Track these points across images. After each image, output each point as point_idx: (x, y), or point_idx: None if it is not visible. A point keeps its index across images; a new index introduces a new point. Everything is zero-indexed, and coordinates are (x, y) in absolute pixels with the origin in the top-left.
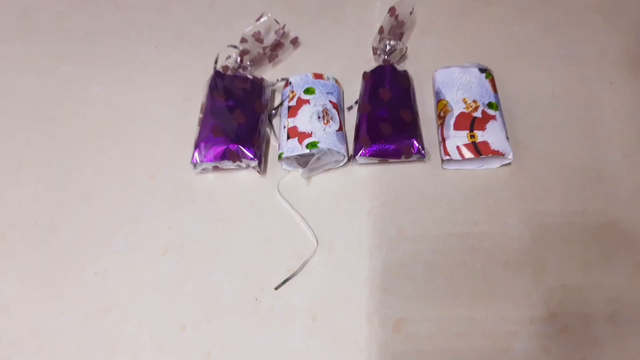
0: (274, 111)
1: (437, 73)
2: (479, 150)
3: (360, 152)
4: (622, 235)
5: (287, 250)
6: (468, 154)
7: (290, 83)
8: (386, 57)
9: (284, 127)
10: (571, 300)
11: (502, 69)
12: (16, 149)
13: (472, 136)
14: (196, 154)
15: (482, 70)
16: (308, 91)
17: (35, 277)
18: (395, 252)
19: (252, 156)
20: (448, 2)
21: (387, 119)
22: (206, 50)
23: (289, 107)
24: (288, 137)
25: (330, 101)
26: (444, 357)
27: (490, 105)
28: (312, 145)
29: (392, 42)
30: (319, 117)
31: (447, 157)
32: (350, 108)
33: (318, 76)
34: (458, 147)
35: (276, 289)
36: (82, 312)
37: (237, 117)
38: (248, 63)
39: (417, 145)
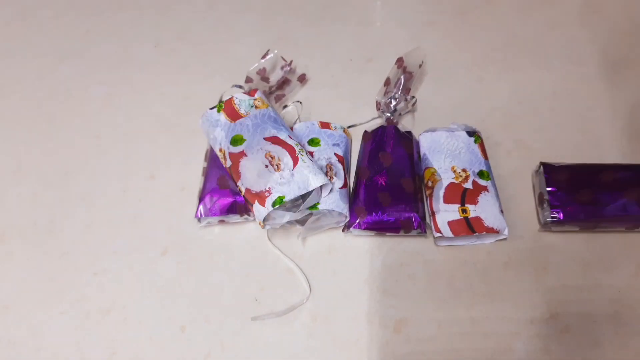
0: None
1: (422, 137)
2: (472, 227)
3: (355, 224)
4: (622, 235)
5: (288, 249)
6: (460, 232)
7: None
8: (390, 115)
9: None
10: (572, 301)
11: (503, 69)
12: (16, 149)
13: (464, 210)
14: (201, 207)
15: (470, 133)
16: (313, 142)
17: (35, 277)
18: (396, 251)
19: None
20: (449, 2)
21: (387, 187)
22: (206, 50)
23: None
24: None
25: (335, 154)
26: (445, 357)
27: (481, 174)
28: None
29: (397, 98)
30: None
31: (439, 235)
32: None
33: (325, 125)
34: (449, 223)
35: (253, 319)
36: (82, 312)
37: None
38: None
39: (417, 219)
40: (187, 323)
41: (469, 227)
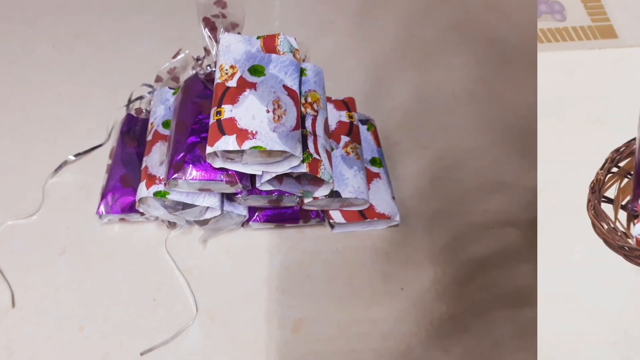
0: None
1: None
2: (363, 213)
3: (254, 217)
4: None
5: (188, 251)
6: (352, 218)
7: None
8: None
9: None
10: (471, 301)
11: (402, 69)
12: None
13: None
14: (102, 205)
15: (364, 121)
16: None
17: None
18: (295, 251)
19: None
20: (348, 2)
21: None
22: (104, 49)
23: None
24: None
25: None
26: (343, 358)
27: (373, 161)
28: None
29: None
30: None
31: (332, 221)
32: None
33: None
34: (341, 210)
35: (142, 354)
36: None
37: None
38: None
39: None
40: (85, 323)
41: (360, 213)
